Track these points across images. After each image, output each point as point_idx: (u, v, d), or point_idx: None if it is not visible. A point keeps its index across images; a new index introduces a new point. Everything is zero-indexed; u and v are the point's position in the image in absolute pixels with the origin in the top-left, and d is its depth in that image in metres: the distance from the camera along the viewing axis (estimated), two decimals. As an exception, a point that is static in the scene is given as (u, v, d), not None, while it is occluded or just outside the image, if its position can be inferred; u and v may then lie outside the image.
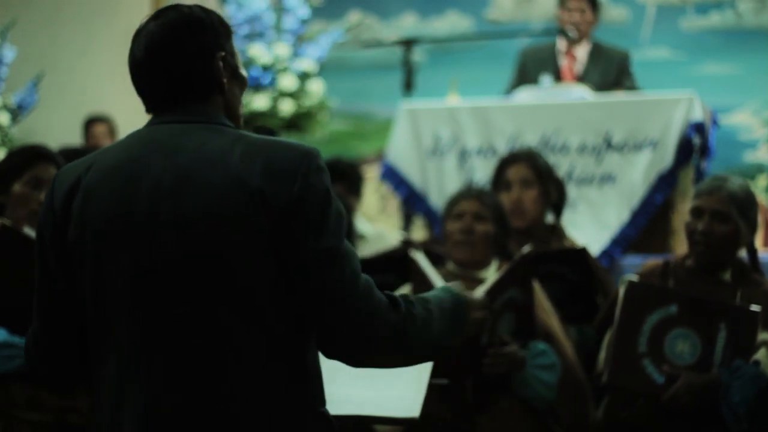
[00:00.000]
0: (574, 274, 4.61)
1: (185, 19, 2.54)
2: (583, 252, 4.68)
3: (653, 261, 4.42)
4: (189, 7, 2.58)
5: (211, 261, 2.38)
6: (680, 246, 5.67)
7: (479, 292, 3.90)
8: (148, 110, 2.57)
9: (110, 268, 2.43)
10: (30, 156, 4.05)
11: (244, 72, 2.63)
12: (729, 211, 4.11)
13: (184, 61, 2.51)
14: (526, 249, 4.06)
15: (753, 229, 4.19)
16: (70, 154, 5.37)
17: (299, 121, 8.44)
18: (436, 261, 4.33)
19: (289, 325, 2.42)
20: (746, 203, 4.16)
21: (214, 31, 2.56)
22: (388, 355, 2.52)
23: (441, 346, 2.60)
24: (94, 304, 2.46)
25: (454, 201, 4.34)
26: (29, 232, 3.77)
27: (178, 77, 2.51)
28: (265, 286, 2.39)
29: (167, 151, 2.45)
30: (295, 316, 2.42)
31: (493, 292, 3.88)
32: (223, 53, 2.55)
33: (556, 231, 5.03)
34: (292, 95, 8.37)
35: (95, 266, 2.44)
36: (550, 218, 5.12)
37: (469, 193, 4.34)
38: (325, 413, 2.51)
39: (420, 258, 4.04)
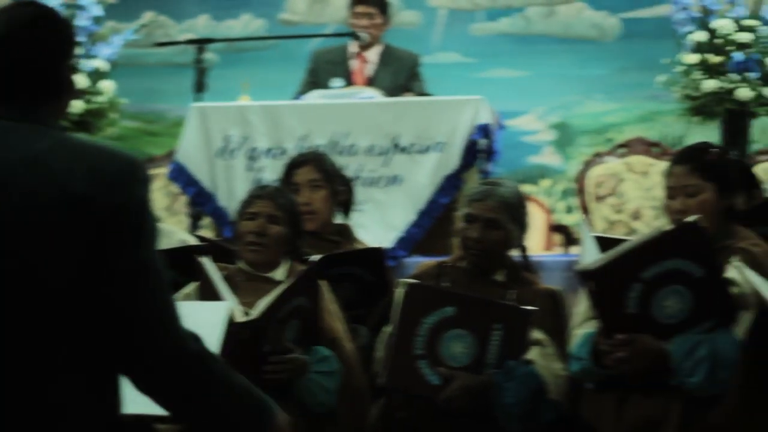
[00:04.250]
0: (370, 274, 4.65)
1: (50, 16, 2.46)
2: (378, 252, 4.72)
3: (427, 262, 4.49)
4: (49, 6, 2.50)
5: (18, 264, 2.27)
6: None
7: (263, 302, 3.92)
8: None
9: None
10: None
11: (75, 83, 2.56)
12: (501, 218, 4.23)
13: (39, 58, 2.42)
14: (316, 257, 4.07)
15: (523, 230, 4.33)
16: None
17: (89, 119, 8.31)
18: (228, 259, 4.33)
19: (91, 338, 2.33)
20: (517, 207, 4.30)
21: (69, 37, 2.49)
22: (182, 382, 2.43)
23: (226, 418, 2.48)
24: None
25: (248, 201, 4.32)
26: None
27: (24, 72, 2.41)
28: (73, 296, 2.30)
29: None
30: (98, 328, 2.34)
31: (279, 301, 3.89)
32: (71, 60, 2.49)
33: (345, 232, 5.06)
34: (82, 93, 8.23)
35: None
36: (339, 219, 5.15)
37: (263, 193, 4.32)
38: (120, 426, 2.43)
39: (207, 263, 4.02)
